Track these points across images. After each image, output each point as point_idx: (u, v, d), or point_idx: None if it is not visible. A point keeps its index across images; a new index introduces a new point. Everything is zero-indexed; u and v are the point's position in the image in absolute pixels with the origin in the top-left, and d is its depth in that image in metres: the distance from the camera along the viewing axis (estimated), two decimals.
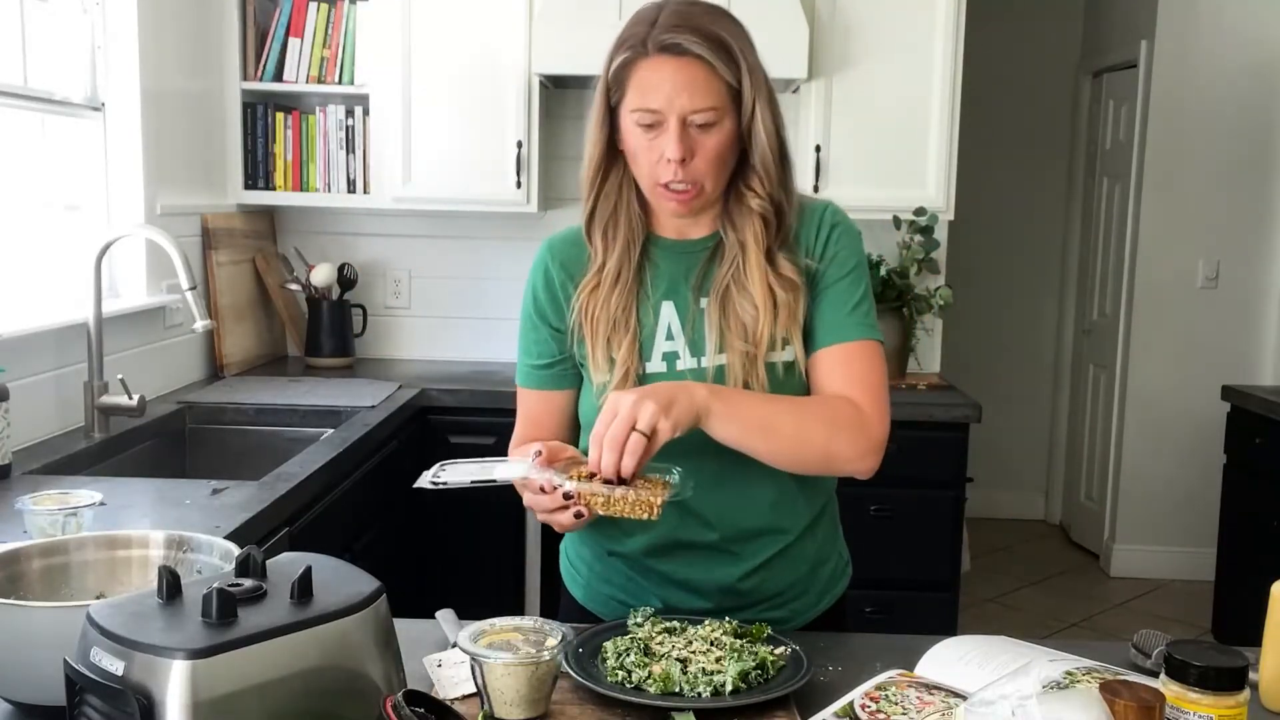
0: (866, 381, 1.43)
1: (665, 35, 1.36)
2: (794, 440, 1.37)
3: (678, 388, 1.31)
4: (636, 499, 1.27)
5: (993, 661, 1.25)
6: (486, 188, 3.34)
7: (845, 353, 1.44)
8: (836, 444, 1.38)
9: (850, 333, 1.44)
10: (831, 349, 1.44)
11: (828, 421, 1.39)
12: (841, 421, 1.39)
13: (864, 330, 1.45)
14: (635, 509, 1.28)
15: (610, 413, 1.26)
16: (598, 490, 1.28)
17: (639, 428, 1.24)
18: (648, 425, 1.24)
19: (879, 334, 1.47)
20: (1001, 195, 5.45)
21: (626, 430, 1.24)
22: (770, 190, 1.43)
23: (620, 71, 1.39)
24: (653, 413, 1.24)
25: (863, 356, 1.44)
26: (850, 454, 1.39)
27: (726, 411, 1.32)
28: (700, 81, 1.36)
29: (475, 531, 3.15)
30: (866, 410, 1.41)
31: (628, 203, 1.48)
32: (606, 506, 1.28)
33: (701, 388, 1.32)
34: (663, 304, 1.47)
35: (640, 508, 1.28)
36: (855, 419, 1.40)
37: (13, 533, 1.62)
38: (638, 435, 1.24)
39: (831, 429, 1.38)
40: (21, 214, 2.49)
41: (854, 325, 1.44)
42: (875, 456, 1.41)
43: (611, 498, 1.28)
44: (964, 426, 3.15)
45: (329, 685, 0.99)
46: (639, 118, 1.39)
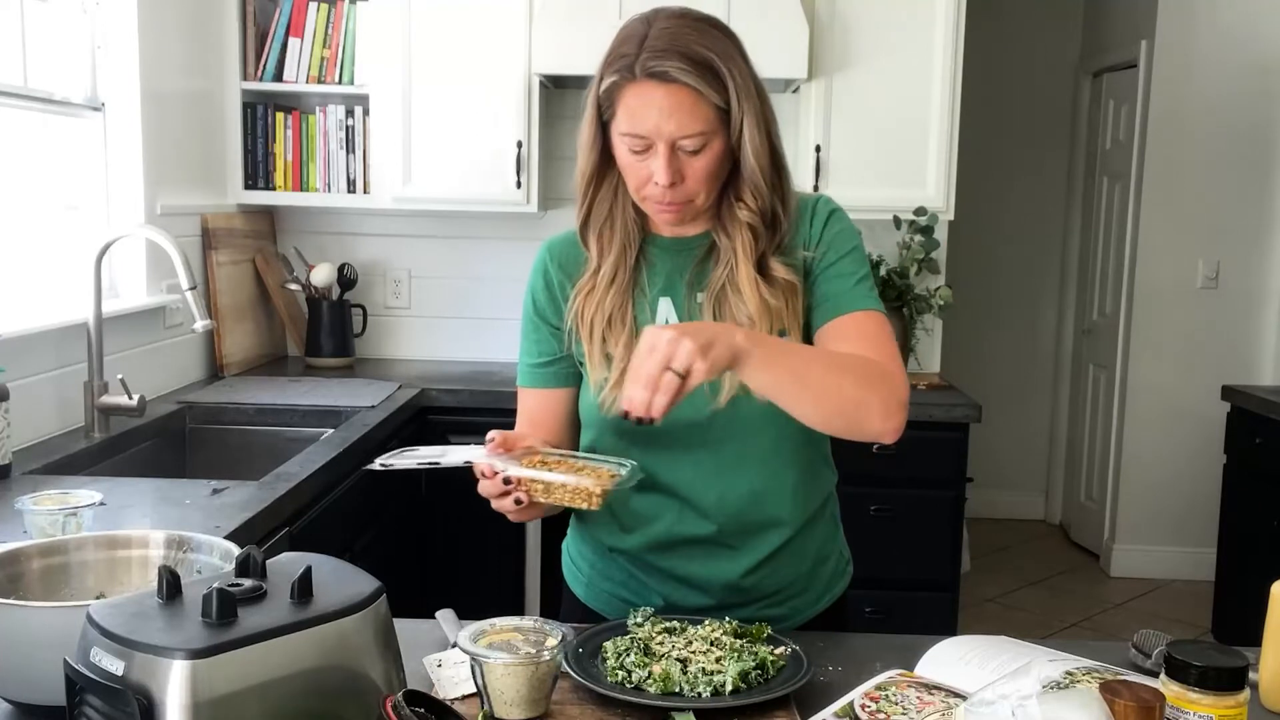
0: (882, 345, 1.42)
1: (652, 61, 1.34)
2: (828, 393, 1.33)
3: (718, 328, 1.27)
4: (576, 487, 1.27)
5: (993, 661, 1.25)
6: (486, 188, 3.34)
7: (854, 321, 1.43)
8: (867, 397, 1.34)
9: (856, 303, 1.44)
10: (840, 319, 1.43)
11: (859, 374, 1.35)
12: (872, 376, 1.36)
13: (869, 302, 1.45)
14: (574, 497, 1.28)
15: (647, 348, 1.21)
16: (538, 477, 1.28)
17: (674, 367, 1.20)
18: (683, 365, 1.20)
19: (883, 307, 1.47)
20: (1001, 195, 5.46)
21: (661, 368, 1.20)
22: (761, 203, 1.43)
23: (609, 92, 1.39)
24: (690, 351, 1.20)
25: (872, 322, 1.44)
26: (881, 409, 1.34)
27: (763, 357, 1.27)
28: (687, 108, 1.35)
29: (475, 531, 3.15)
30: (889, 368, 1.39)
31: (623, 208, 1.48)
32: (546, 494, 1.29)
33: (740, 331, 1.27)
34: (660, 300, 1.48)
35: (579, 496, 1.27)
36: (882, 374, 1.37)
37: (13, 533, 1.61)
38: (671, 375, 1.20)
39: (863, 382, 1.34)
40: (21, 214, 2.49)
41: (859, 297, 1.44)
42: (901, 415, 1.36)
43: (551, 485, 1.28)
44: (964, 426, 3.16)
45: (329, 685, 0.99)
46: (629, 142, 1.39)
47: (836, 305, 1.44)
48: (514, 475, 1.29)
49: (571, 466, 1.34)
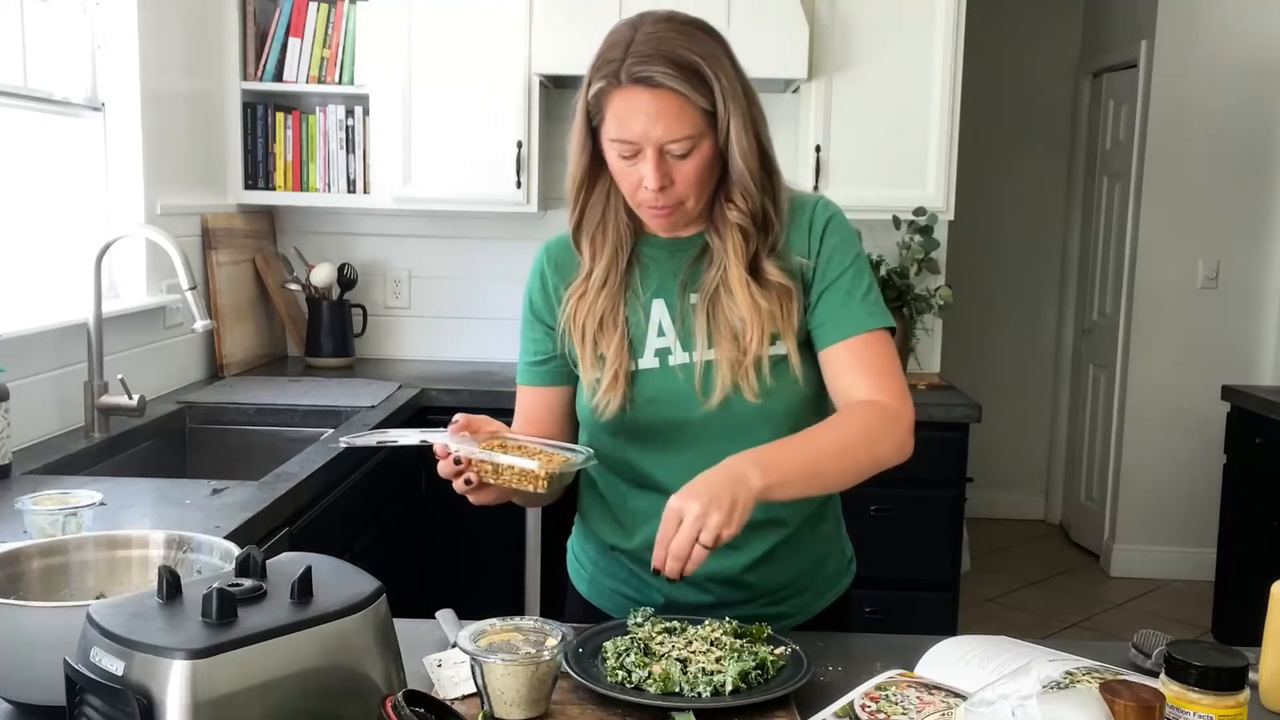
0: (882, 371, 1.43)
1: (637, 66, 1.34)
2: (842, 469, 1.39)
3: (732, 483, 1.26)
4: (522, 470, 1.30)
5: (993, 661, 1.25)
6: (486, 188, 3.34)
7: (855, 346, 1.44)
8: (878, 451, 1.40)
9: (858, 325, 1.44)
10: (841, 345, 1.44)
11: (864, 435, 1.40)
12: (875, 428, 1.40)
13: (872, 319, 1.45)
14: (520, 479, 1.31)
15: (675, 519, 1.24)
16: (486, 458, 1.31)
17: (703, 541, 1.23)
18: (711, 540, 1.23)
19: (888, 319, 1.47)
20: (1001, 195, 5.46)
21: (691, 541, 1.23)
22: (751, 205, 1.43)
23: (597, 98, 1.40)
24: (716, 526, 1.23)
25: (872, 347, 1.44)
26: (892, 452, 1.41)
27: (780, 482, 1.30)
28: (673, 112, 1.35)
29: (475, 531, 3.15)
30: (891, 403, 1.41)
31: (615, 212, 1.48)
32: (495, 475, 1.32)
33: (750, 469, 1.28)
34: (653, 301, 1.49)
35: (525, 478, 1.30)
36: (885, 419, 1.41)
37: (13, 533, 1.61)
38: (700, 549, 1.23)
39: (869, 440, 1.39)
40: (21, 214, 2.49)
41: (862, 316, 1.45)
42: (910, 441, 1.43)
43: (499, 466, 1.31)
44: (964, 426, 3.15)
45: (329, 685, 0.99)
46: (617, 148, 1.39)
47: (839, 328, 1.44)
48: (464, 455, 1.32)
49: (528, 451, 1.35)
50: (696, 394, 1.44)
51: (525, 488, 1.31)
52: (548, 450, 1.37)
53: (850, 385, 1.44)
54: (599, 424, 1.49)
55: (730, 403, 1.43)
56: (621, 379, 1.45)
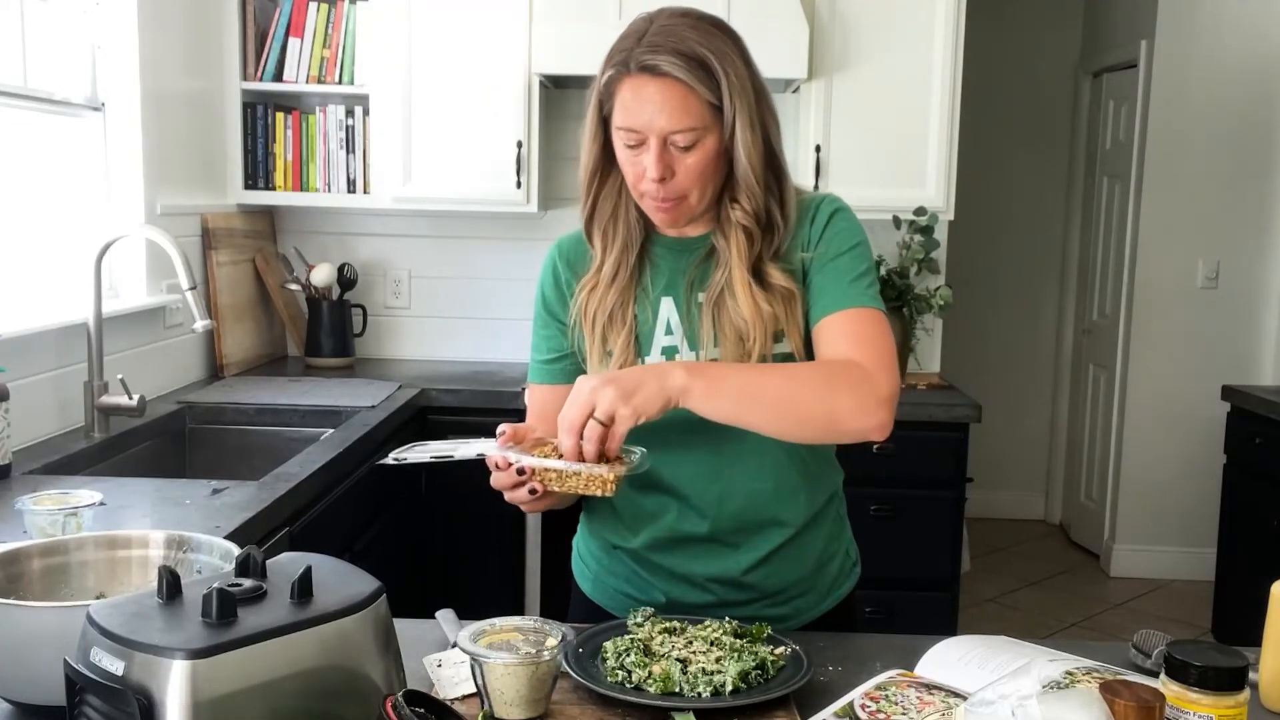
0: (869, 341, 1.39)
1: (646, 55, 1.35)
2: (788, 406, 1.33)
3: (648, 372, 1.30)
4: (590, 475, 1.28)
5: (993, 661, 1.25)
6: (486, 188, 3.34)
7: (844, 318, 1.41)
8: (836, 402, 1.32)
9: (853, 300, 1.42)
10: (833, 316, 1.41)
11: (823, 381, 1.34)
12: (839, 380, 1.34)
13: (866, 299, 1.42)
14: (589, 484, 1.29)
15: (573, 397, 1.26)
16: (551, 466, 1.30)
17: (596, 415, 1.24)
18: (605, 413, 1.24)
19: (882, 306, 1.45)
20: (1001, 195, 5.46)
21: (584, 416, 1.24)
22: (755, 205, 1.43)
23: (608, 85, 1.40)
24: (610, 399, 1.24)
25: (864, 320, 1.41)
26: (852, 410, 1.32)
27: (708, 389, 1.29)
28: (678, 102, 1.35)
29: (475, 531, 3.15)
30: (866, 364, 1.35)
31: (626, 205, 1.49)
32: (560, 483, 1.31)
33: (680, 368, 1.29)
34: (662, 300, 1.49)
35: (594, 484, 1.29)
36: (854, 375, 1.35)
37: (13, 533, 1.61)
38: (594, 423, 1.24)
39: (828, 389, 1.33)
40: (21, 214, 2.49)
41: (857, 294, 1.42)
42: (882, 411, 1.33)
43: (565, 474, 1.29)
44: (964, 426, 3.15)
45: (329, 685, 0.99)
46: (624, 136, 1.39)
47: (829, 302, 1.42)
48: (528, 465, 1.30)
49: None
50: None
51: (594, 492, 1.29)
52: None
53: (832, 351, 1.40)
54: None
55: None
56: None
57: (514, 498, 1.34)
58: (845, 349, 1.38)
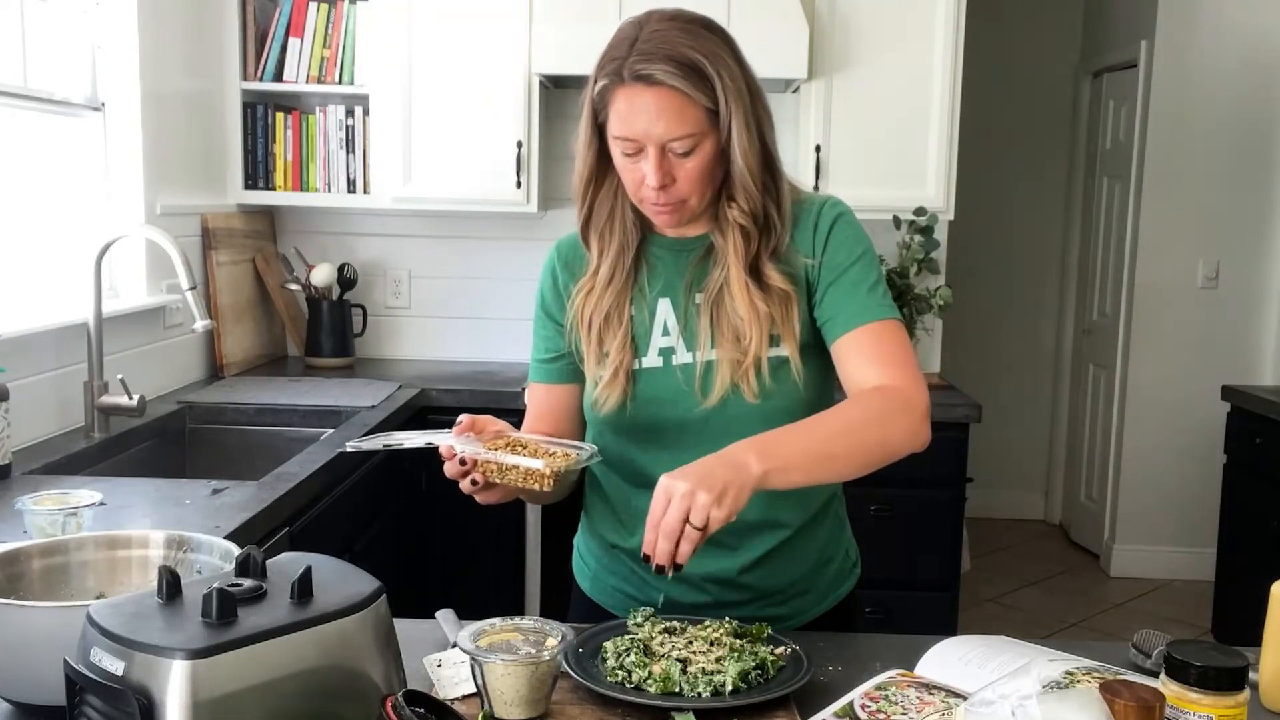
0: (895, 358, 1.40)
1: (639, 64, 1.34)
2: (854, 454, 1.35)
3: (726, 467, 1.24)
4: (528, 469, 1.30)
5: (993, 661, 1.25)
6: (486, 188, 3.34)
7: (869, 334, 1.42)
8: (890, 436, 1.35)
9: (870, 314, 1.42)
10: (854, 333, 1.42)
11: (875, 420, 1.36)
12: (887, 413, 1.36)
13: (883, 310, 1.43)
14: (526, 478, 1.31)
15: (664, 499, 1.22)
16: (491, 458, 1.32)
17: (693, 522, 1.20)
18: (701, 521, 1.20)
19: (898, 313, 1.45)
20: (1001, 195, 5.45)
21: (681, 522, 1.20)
22: (752, 205, 1.43)
23: (601, 95, 1.40)
24: (704, 505, 1.20)
25: (886, 335, 1.42)
26: (905, 438, 1.36)
27: (782, 467, 1.27)
28: (675, 110, 1.35)
29: (475, 531, 3.15)
30: (903, 388, 1.38)
31: (622, 208, 1.49)
32: (500, 474, 1.32)
33: (748, 454, 1.26)
34: (659, 301, 1.49)
35: (531, 477, 1.31)
36: (897, 404, 1.37)
37: (13, 533, 1.61)
38: (691, 531, 1.20)
39: (881, 425, 1.35)
40: (21, 214, 2.49)
41: (873, 306, 1.43)
42: (925, 427, 1.38)
43: (504, 466, 1.32)
44: (964, 426, 3.15)
45: (329, 685, 0.99)
46: (621, 145, 1.39)
47: (848, 319, 1.42)
48: (469, 456, 1.32)
49: (535, 450, 1.35)
50: (696, 393, 1.44)
51: (531, 486, 1.31)
52: (553, 448, 1.37)
53: (860, 373, 1.41)
54: (603, 422, 1.50)
55: (729, 402, 1.43)
56: (622, 375, 1.46)
57: (463, 488, 1.36)
58: (875, 371, 1.40)
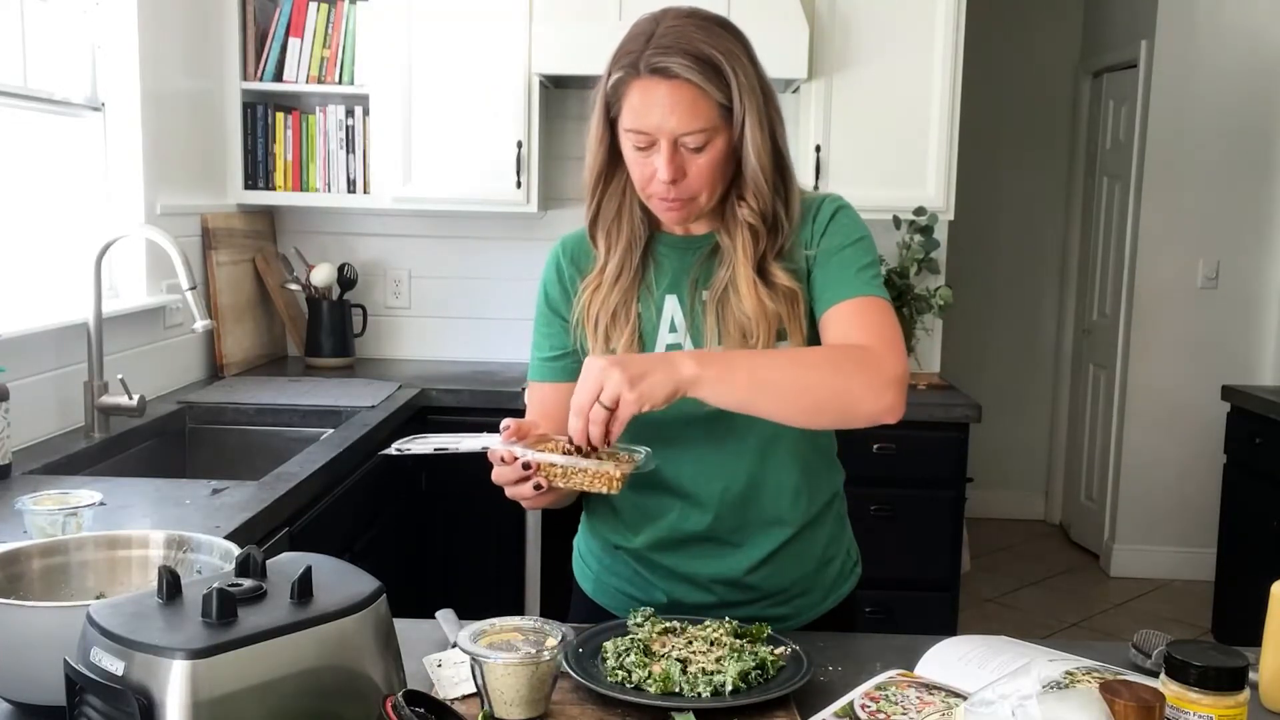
0: (875, 327, 1.38)
1: (656, 57, 1.35)
2: (800, 390, 1.32)
3: (658, 359, 1.28)
4: (597, 472, 1.28)
5: (993, 661, 1.25)
6: (486, 188, 3.34)
7: (852, 306, 1.40)
8: (848, 384, 1.31)
9: (857, 290, 1.41)
10: (839, 305, 1.41)
11: (832, 365, 1.34)
12: (848, 363, 1.34)
13: (871, 289, 1.42)
14: (594, 481, 1.28)
15: (581, 378, 1.25)
16: (556, 461, 1.29)
17: (601, 399, 1.23)
18: (610, 397, 1.22)
19: (887, 295, 1.44)
20: (1001, 195, 5.46)
21: (591, 398, 1.23)
22: (762, 205, 1.43)
23: (616, 88, 1.40)
24: (616, 383, 1.22)
25: (869, 308, 1.40)
26: (865, 393, 1.31)
27: (718, 376, 1.27)
28: (689, 104, 1.35)
29: (475, 531, 3.15)
30: (873, 347, 1.35)
31: (630, 206, 1.49)
32: (565, 479, 1.29)
33: (689, 357, 1.28)
34: (666, 298, 1.49)
35: (599, 480, 1.28)
36: (863, 357, 1.34)
37: (13, 533, 1.61)
38: (599, 407, 1.23)
39: (837, 372, 1.32)
40: (21, 214, 2.49)
41: (861, 284, 1.42)
42: (893, 392, 1.31)
43: (570, 470, 1.28)
44: (964, 426, 3.15)
45: (329, 685, 0.99)
46: (633, 138, 1.39)
47: (834, 293, 1.42)
48: (533, 460, 1.29)
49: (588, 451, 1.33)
50: None
51: (599, 489, 1.29)
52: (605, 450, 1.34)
53: (839, 338, 1.40)
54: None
55: None
56: None
57: (516, 493, 1.33)
58: (853, 335, 1.38)
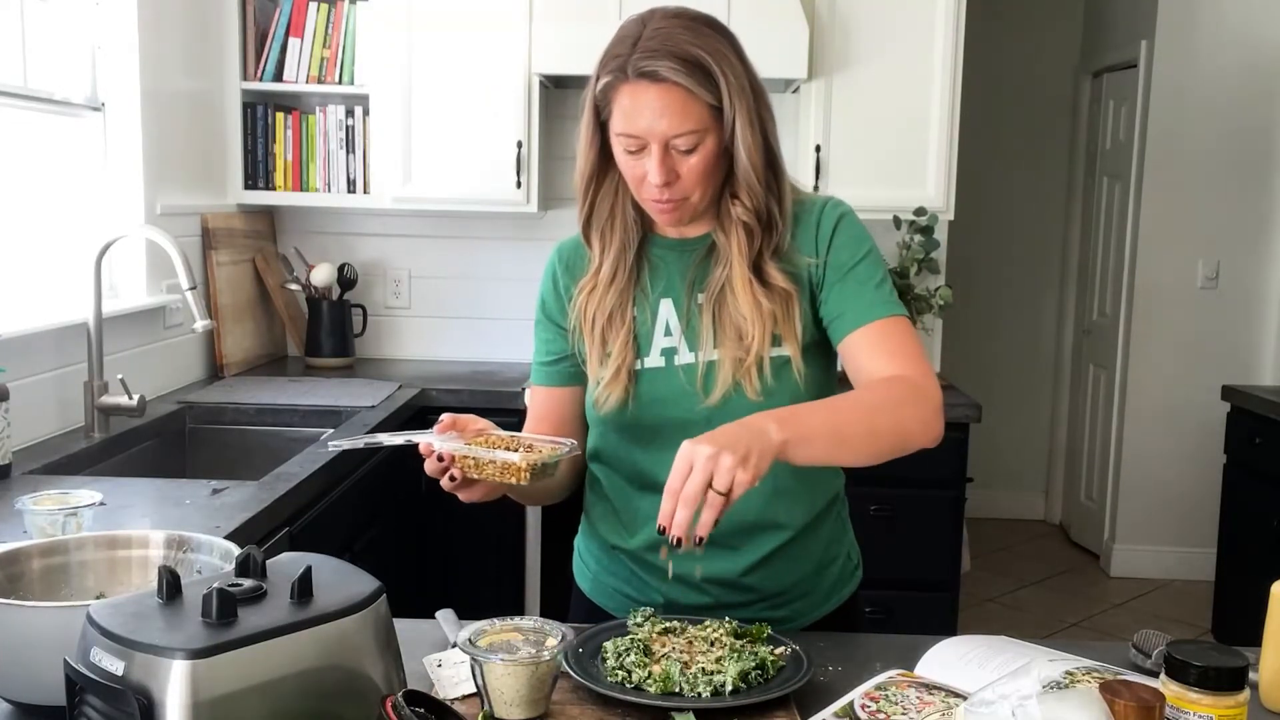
0: (907, 352, 1.42)
1: (643, 61, 1.34)
2: (869, 436, 1.34)
3: (748, 433, 1.21)
4: (505, 463, 1.29)
5: (993, 661, 1.25)
6: (486, 188, 3.34)
7: (878, 330, 1.42)
8: (906, 423, 1.36)
9: (878, 310, 1.43)
10: (863, 330, 1.42)
11: (891, 405, 1.36)
12: (901, 400, 1.37)
13: (890, 307, 1.44)
14: (502, 473, 1.30)
15: (685, 466, 1.17)
16: (468, 454, 1.31)
17: (716, 487, 1.15)
18: (725, 484, 1.15)
19: (904, 310, 1.46)
20: (1001, 195, 5.46)
21: (704, 487, 1.15)
22: (756, 203, 1.43)
23: (604, 92, 1.40)
24: (729, 468, 1.15)
25: (896, 330, 1.43)
26: (919, 428, 1.36)
27: (801, 438, 1.25)
28: (679, 107, 1.35)
29: (475, 531, 3.15)
30: (918, 380, 1.39)
31: (623, 207, 1.49)
32: (477, 469, 1.31)
33: (768, 422, 1.23)
34: (661, 301, 1.49)
35: (508, 472, 1.30)
36: (913, 392, 1.37)
37: (13, 533, 1.62)
38: (715, 495, 1.16)
39: (896, 410, 1.36)
40: (21, 214, 2.49)
41: (880, 303, 1.44)
42: (939, 421, 1.38)
43: (480, 461, 1.31)
44: (964, 426, 3.15)
45: (329, 685, 0.99)
46: (624, 142, 1.39)
47: (856, 316, 1.43)
48: (445, 451, 1.31)
49: (512, 445, 1.35)
50: (698, 392, 1.44)
51: (508, 480, 1.30)
52: (536, 443, 1.37)
53: (872, 366, 1.41)
54: (605, 422, 1.50)
55: (731, 401, 1.43)
56: (624, 374, 1.46)
57: (444, 485, 1.35)
58: (888, 364, 1.40)
